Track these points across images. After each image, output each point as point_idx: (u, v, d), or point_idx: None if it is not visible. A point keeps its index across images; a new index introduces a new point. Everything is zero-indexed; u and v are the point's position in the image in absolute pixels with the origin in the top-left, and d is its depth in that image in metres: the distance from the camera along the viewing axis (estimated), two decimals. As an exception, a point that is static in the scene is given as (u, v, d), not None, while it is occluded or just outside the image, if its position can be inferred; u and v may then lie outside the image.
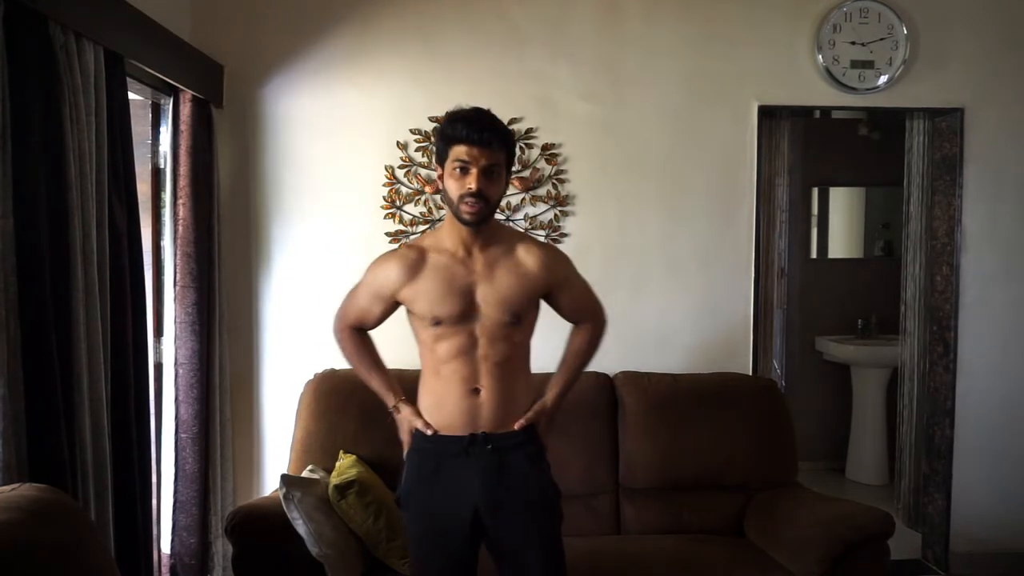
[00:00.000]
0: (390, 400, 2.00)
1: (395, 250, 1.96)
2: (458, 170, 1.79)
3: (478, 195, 1.78)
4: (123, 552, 2.09)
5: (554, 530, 1.93)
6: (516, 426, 1.91)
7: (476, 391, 1.87)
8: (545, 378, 2.05)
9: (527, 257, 1.92)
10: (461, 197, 1.79)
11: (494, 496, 1.86)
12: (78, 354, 1.86)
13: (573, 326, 2.07)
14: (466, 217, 1.80)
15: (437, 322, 1.86)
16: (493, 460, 1.87)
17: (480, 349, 1.87)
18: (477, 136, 1.77)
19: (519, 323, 1.91)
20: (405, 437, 1.98)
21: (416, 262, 1.88)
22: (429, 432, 1.90)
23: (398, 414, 1.98)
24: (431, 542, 1.91)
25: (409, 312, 1.93)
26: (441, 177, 1.86)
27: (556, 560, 1.91)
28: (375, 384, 2.03)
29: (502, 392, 1.88)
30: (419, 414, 1.93)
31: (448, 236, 1.89)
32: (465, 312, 1.85)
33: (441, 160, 1.84)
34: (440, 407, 1.90)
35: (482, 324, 1.86)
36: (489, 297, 1.86)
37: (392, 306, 1.95)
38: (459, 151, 1.78)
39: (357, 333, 2.03)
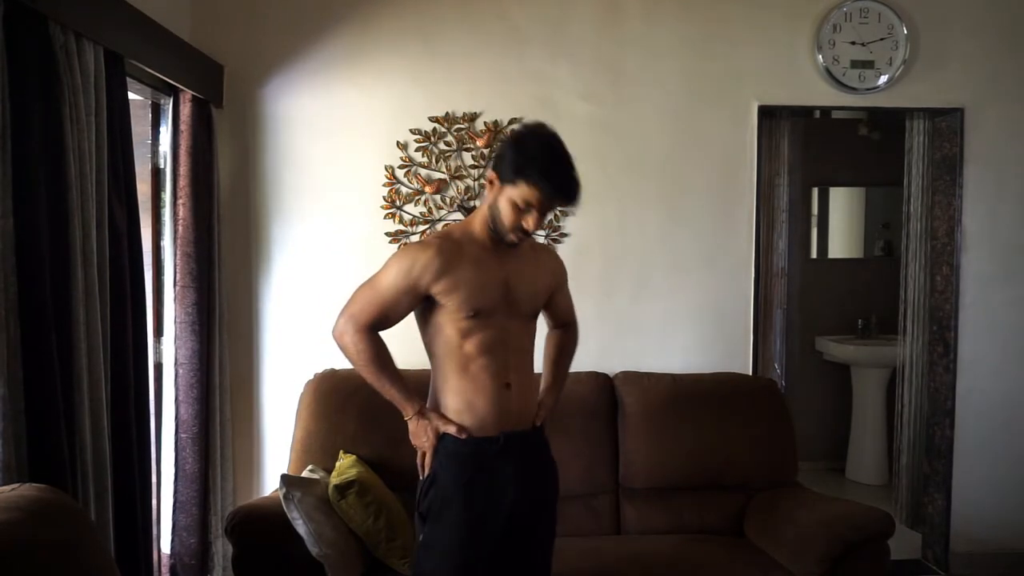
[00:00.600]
0: (410, 408, 1.89)
1: (428, 240, 1.90)
2: (522, 207, 1.79)
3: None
4: (123, 552, 2.09)
5: (553, 524, 2.00)
6: (538, 422, 1.96)
7: (507, 386, 1.87)
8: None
9: (544, 258, 2.04)
10: (514, 227, 1.82)
11: (528, 493, 1.88)
12: (78, 354, 1.86)
13: (552, 331, 2.17)
14: (510, 240, 1.85)
15: (474, 313, 1.82)
16: (525, 458, 1.90)
17: (511, 342, 1.88)
18: (563, 199, 1.81)
19: (535, 318, 1.98)
20: (430, 444, 1.87)
21: (453, 252, 1.83)
22: (463, 436, 1.84)
23: (422, 420, 1.87)
24: (471, 548, 1.83)
25: (434, 308, 1.85)
26: (491, 182, 1.83)
27: (550, 551, 1.99)
28: (395, 392, 1.88)
29: (526, 386, 1.92)
30: (447, 419, 1.86)
31: (479, 230, 1.89)
32: (500, 304, 1.86)
33: (505, 178, 1.80)
34: (472, 408, 1.85)
35: (513, 317, 1.89)
36: (520, 290, 1.90)
37: (418, 301, 1.85)
38: (534, 196, 1.77)
39: (374, 336, 1.87)
